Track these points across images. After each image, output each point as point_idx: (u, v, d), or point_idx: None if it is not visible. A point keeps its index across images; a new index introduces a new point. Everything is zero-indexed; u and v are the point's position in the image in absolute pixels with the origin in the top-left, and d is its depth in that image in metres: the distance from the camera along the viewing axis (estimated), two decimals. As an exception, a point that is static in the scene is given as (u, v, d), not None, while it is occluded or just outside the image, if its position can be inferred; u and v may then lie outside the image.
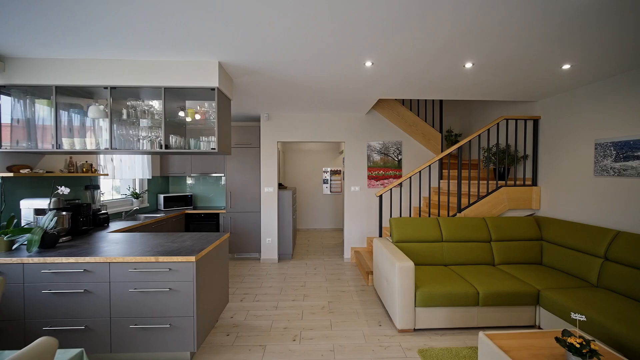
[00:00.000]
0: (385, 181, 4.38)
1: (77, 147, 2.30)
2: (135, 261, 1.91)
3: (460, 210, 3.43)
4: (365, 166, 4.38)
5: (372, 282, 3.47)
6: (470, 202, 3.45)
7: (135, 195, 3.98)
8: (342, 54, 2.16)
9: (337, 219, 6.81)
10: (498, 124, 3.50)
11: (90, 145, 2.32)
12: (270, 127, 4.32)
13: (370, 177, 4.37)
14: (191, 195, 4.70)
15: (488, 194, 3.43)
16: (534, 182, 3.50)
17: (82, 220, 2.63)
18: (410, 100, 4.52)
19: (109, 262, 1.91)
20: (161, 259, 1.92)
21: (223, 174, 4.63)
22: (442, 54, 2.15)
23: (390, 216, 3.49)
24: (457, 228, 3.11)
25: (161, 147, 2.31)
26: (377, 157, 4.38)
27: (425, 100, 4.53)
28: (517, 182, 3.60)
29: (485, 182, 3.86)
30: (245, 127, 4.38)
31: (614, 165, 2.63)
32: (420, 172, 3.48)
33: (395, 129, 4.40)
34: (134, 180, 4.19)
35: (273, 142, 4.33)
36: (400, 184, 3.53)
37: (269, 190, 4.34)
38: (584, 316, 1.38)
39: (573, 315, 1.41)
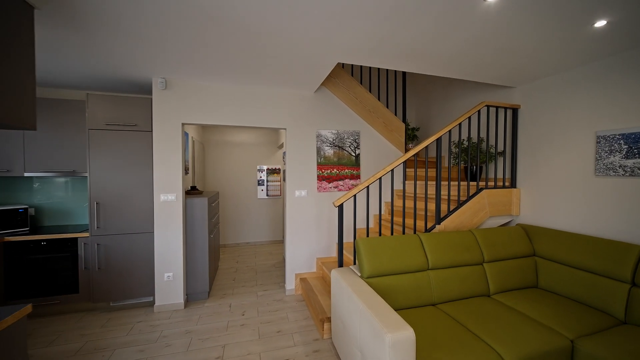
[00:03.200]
0: (340, 183, 3.34)
1: None
2: None
3: (439, 221, 2.61)
4: (315, 163, 3.25)
5: (330, 335, 2.35)
6: (450, 210, 2.67)
7: None
8: None
9: (275, 229, 5.53)
10: (479, 111, 2.82)
11: None
12: (170, 101, 2.79)
13: (321, 178, 3.26)
14: (25, 209, 2.78)
15: (469, 198, 2.71)
16: (513, 184, 2.94)
17: None
18: (370, 80, 3.61)
19: None
20: None
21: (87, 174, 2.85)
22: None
23: (355, 236, 2.44)
24: (444, 248, 2.24)
25: None
26: (329, 152, 3.29)
27: (387, 83, 3.67)
28: (497, 184, 2.99)
29: (459, 183, 3.17)
30: (126, 100, 2.74)
31: (625, 163, 2.11)
32: (392, 171, 2.53)
33: (352, 115, 3.40)
34: None
35: (175, 125, 2.81)
36: (367, 187, 2.51)
37: (168, 199, 2.80)
38: None
39: None
